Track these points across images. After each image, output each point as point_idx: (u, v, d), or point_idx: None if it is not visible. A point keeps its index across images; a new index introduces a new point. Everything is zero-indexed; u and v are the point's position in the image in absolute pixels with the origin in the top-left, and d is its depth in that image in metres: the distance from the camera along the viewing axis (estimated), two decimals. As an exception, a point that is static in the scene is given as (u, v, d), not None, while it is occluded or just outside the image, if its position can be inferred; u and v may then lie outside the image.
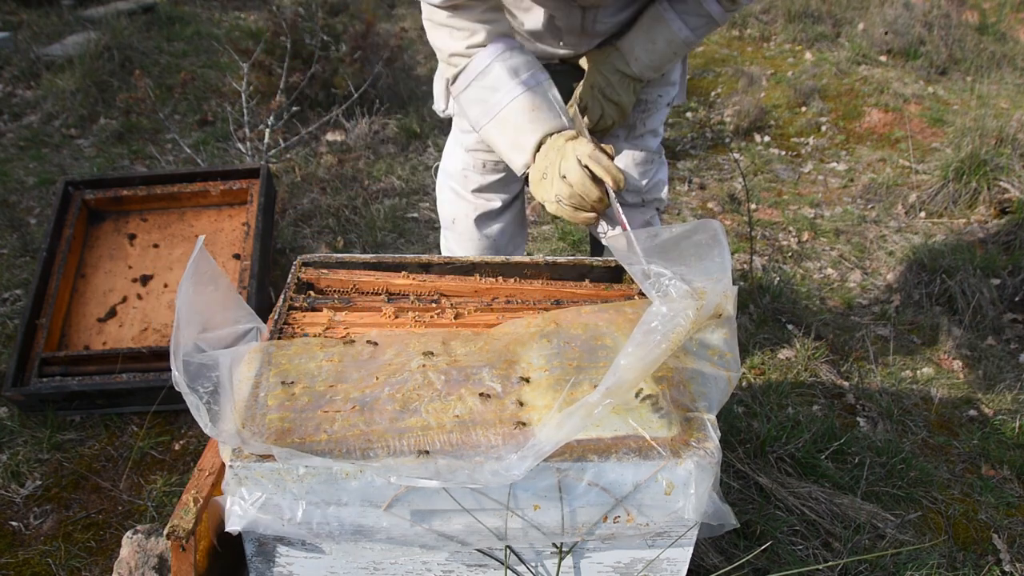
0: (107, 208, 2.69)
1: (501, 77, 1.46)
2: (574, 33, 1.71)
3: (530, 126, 1.45)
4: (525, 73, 1.48)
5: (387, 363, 1.13)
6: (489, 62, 1.47)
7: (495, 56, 1.47)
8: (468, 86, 1.50)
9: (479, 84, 1.49)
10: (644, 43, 1.68)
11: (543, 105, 1.46)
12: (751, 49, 5.58)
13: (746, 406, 2.34)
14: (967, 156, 3.56)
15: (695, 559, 1.71)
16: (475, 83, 1.49)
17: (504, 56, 1.47)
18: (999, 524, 2.01)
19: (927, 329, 2.82)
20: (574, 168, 1.37)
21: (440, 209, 2.11)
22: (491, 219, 2.04)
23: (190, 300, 1.06)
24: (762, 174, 4.04)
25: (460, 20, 1.46)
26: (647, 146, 1.95)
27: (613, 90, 1.73)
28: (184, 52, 5.17)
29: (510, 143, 1.48)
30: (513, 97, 1.45)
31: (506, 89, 1.46)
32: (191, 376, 1.00)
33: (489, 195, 2.01)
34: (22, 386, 2.23)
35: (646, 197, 2.03)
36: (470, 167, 1.98)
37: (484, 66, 1.47)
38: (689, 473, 0.99)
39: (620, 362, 0.97)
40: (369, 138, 4.11)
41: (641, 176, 1.99)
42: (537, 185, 1.46)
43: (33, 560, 1.87)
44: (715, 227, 1.16)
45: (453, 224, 2.08)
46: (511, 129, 1.47)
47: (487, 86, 1.47)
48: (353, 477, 0.95)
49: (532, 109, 1.45)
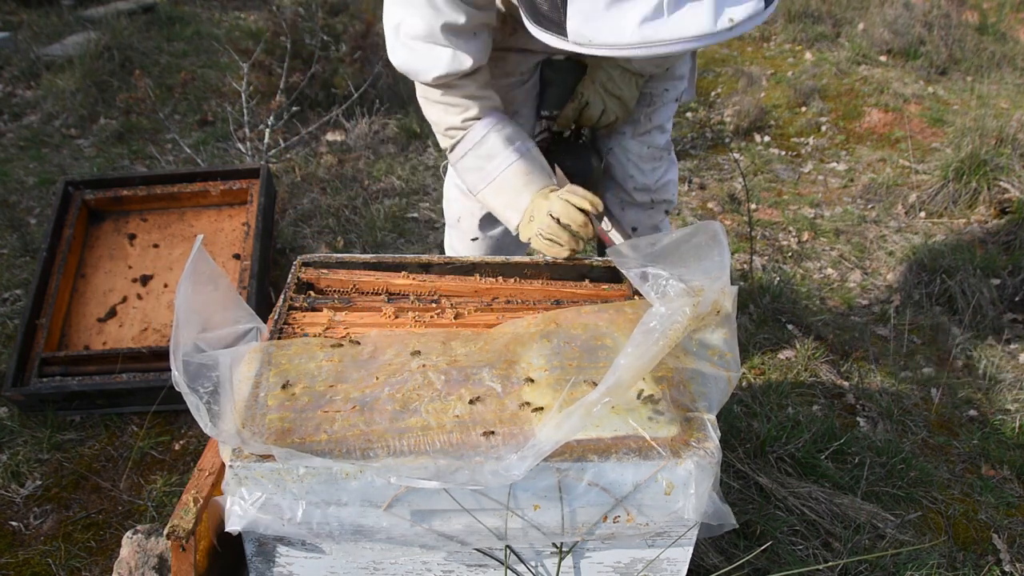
0: (107, 208, 2.69)
1: (497, 146, 1.58)
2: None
3: (525, 188, 1.59)
4: (517, 141, 1.61)
5: (387, 363, 1.13)
6: (485, 132, 1.58)
7: (491, 127, 1.59)
8: (465, 155, 1.62)
9: (476, 153, 1.60)
10: None
11: (535, 169, 1.60)
12: (751, 49, 5.58)
13: (746, 406, 2.34)
14: (967, 156, 3.56)
15: (695, 559, 1.71)
16: (472, 152, 1.61)
17: (498, 127, 1.59)
18: (999, 524, 2.01)
19: (927, 329, 2.82)
20: (558, 203, 1.51)
21: (446, 208, 2.12)
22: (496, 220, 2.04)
23: (189, 300, 1.06)
24: (762, 174, 4.04)
25: (453, 97, 1.56)
26: (654, 142, 1.94)
27: (615, 84, 1.74)
28: (184, 52, 5.17)
29: (507, 204, 1.61)
30: (509, 164, 1.59)
31: (502, 157, 1.59)
32: (191, 376, 1.00)
33: None
34: (22, 386, 2.23)
35: (655, 197, 2.02)
36: None
37: (481, 136, 1.59)
38: (689, 473, 0.99)
39: (619, 362, 0.97)
40: (369, 138, 4.11)
41: (650, 173, 1.99)
42: (525, 227, 1.59)
43: (33, 560, 1.87)
44: (715, 228, 1.16)
45: (458, 223, 2.08)
46: (508, 192, 1.60)
47: (483, 155, 1.60)
48: (353, 477, 0.95)
49: (526, 173, 1.59)
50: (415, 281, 1.40)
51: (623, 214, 2.08)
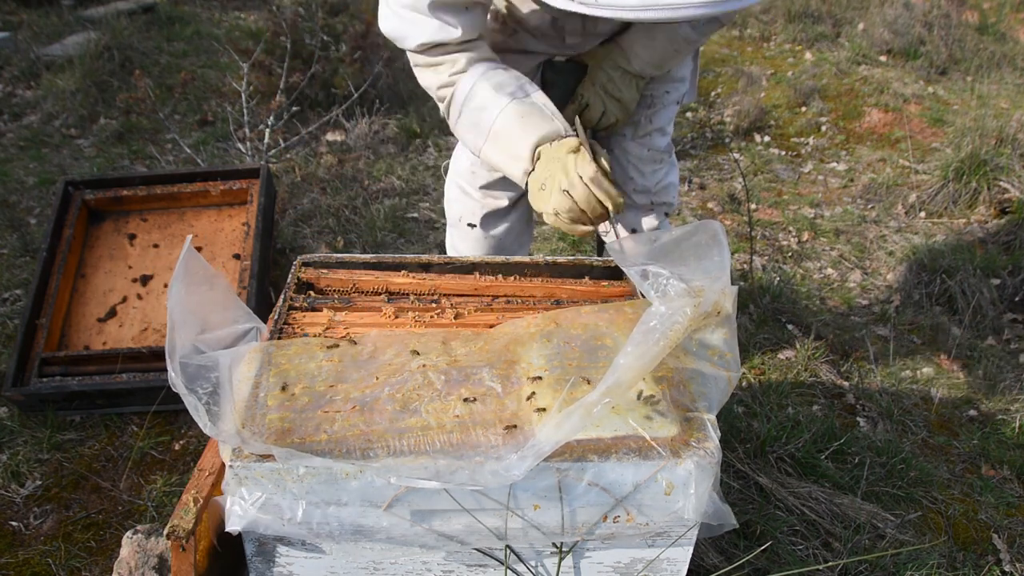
0: (107, 208, 2.69)
1: (487, 95, 1.47)
2: (576, 33, 1.72)
3: (522, 132, 1.44)
4: (511, 86, 1.47)
5: (387, 363, 1.13)
6: (473, 83, 1.48)
7: (478, 77, 1.47)
8: (460, 113, 1.51)
9: (468, 107, 1.49)
10: (644, 40, 1.68)
11: (533, 111, 1.45)
12: (751, 49, 5.58)
13: (746, 406, 2.34)
14: (967, 156, 3.56)
15: (695, 559, 1.71)
16: (465, 108, 1.50)
17: (487, 75, 1.47)
18: (999, 524, 2.01)
19: (927, 329, 2.82)
20: (579, 185, 1.36)
21: (447, 207, 2.11)
22: (498, 218, 2.03)
23: (182, 301, 1.06)
24: (762, 174, 4.04)
25: (438, 56, 1.49)
26: (655, 145, 1.94)
27: (615, 86, 1.73)
28: (184, 52, 5.17)
29: (507, 155, 1.47)
30: (501, 109, 1.45)
31: (493, 104, 1.46)
32: (189, 377, 1.00)
33: (497, 192, 1.99)
34: (22, 386, 2.23)
35: (655, 199, 2.01)
36: (477, 163, 1.97)
37: (469, 88, 1.48)
38: (689, 473, 0.99)
39: (619, 362, 0.97)
40: (369, 138, 4.11)
41: (650, 176, 1.98)
42: (536, 196, 1.44)
43: (33, 560, 1.87)
44: (715, 228, 1.16)
45: (459, 222, 2.07)
46: (504, 140, 1.46)
47: (476, 107, 1.48)
48: (353, 477, 0.95)
49: (521, 116, 1.44)
50: (414, 280, 1.40)
51: (622, 216, 2.07)
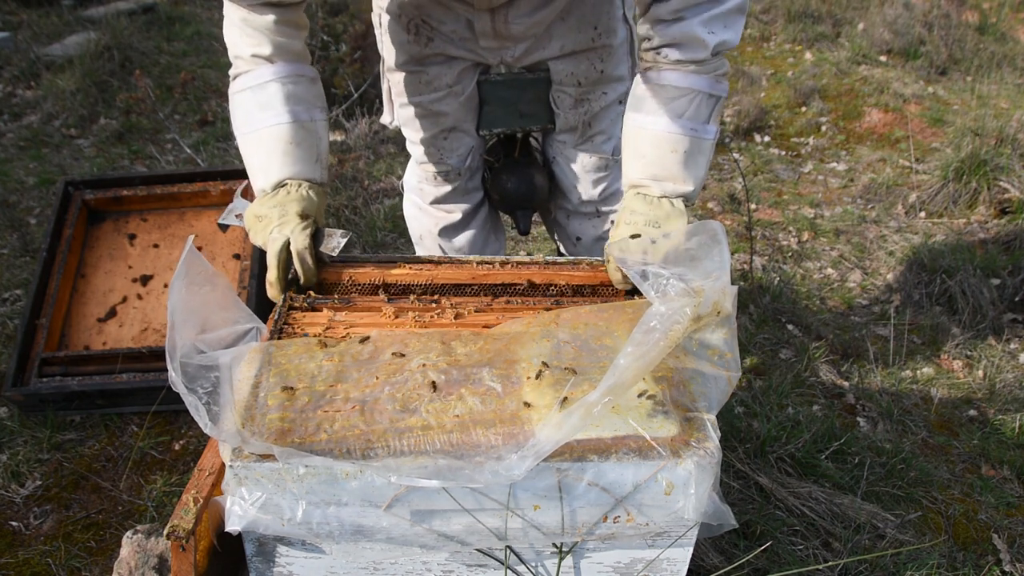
0: (107, 208, 2.69)
1: (275, 99, 1.42)
2: (488, 36, 1.66)
3: (280, 158, 1.41)
4: (301, 105, 1.43)
5: (387, 363, 1.13)
6: (270, 79, 1.42)
7: (277, 77, 1.43)
8: (242, 91, 1.46)
9: (253, 96, 1.44)
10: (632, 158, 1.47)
11: (303, 144, 1.42)
12: (751, 49, 5.58)
13: (746, 406, 2.34)
14: (967, 156, 3.56)
15: (695, 559, 1.71)
16: (250, 92, 1.44)
17: (287, 80, 1.43)
18: (999, 524, 2.01)
19: (927, 329, 2.82)
20: (275, 247, 1.34)
21: (409, 226, 2.07)
22: (456, 230, 1.98)
23: (183, 300, 1.06)
24: (762, 174, 4.04)
25: (251, 27, 1.42)
26: (599, 150, 1.86)
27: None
28: (184, 52, 5.17)
29: (258, 164, 1.44)
30: (278, 123, 1.41)
31: (275, 113, 1.41)
32: (190, 377, 1.00)
33: (448, 206, 1.95)
34: (22, 386, 2.23)
35: (600, 208, 1.94)
36: (423, 179, 1.94)
37: (264, 81, 1.43)
38: (689, 473, 0.99)
39: (619, 362, 0.97)
40: (369, 138, 4.11)
41: (594, 184, 1.90)
42: (252, 221, 1.41)
43: (33, 560, 1.87)
44: (715, 227, 1.16)
45: (421, 241, 2.04)
46: (264, 153, 1.42)
47: (259, 102, 1.43)
48: (353, 477, 0.95)
49: (290, 143, 1.41)
50: (412, 270, 1.40)
51: (568, 223, 2.01)
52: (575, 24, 1.67)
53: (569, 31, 1.68)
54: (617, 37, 1.73)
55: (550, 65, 1.74)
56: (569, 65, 1.73)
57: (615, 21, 1.71)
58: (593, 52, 1.72)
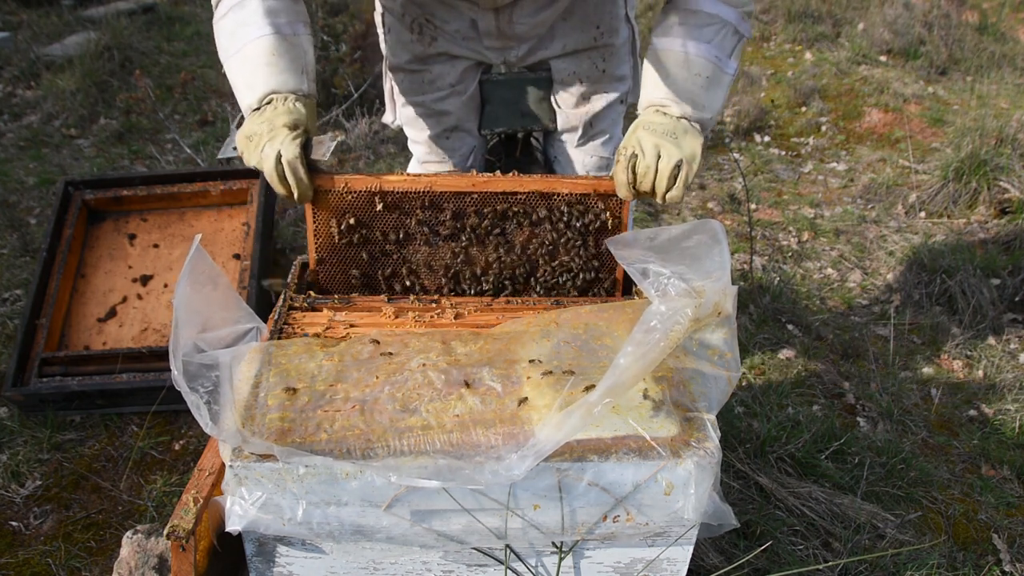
0: (107, 208, 2.69)
1: (255, 14, 1.40)
2: (492, 36, 1.67)
3: (264, 70, 1.39)
4: (282, 18, 1.41)
5: (387, 362, 1.13)
6: None
7: None
8: (225, 15, 1.44)
9: (234, 16, 1.42)
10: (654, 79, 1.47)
11: (287, 55, 1.40)
12: (751, 49, 5.58)
13: (746, 406, 2.34)
14: (967, 156, 3.56)
15: (695, 559, 1.71)
16: (231, 14, 1.42)
17: None
18: (999, 524, 2.01)
19: (927, 329, 2.82)
20: (269, 164, 1.33)
21: None
22: None
23: (188, 300, 1.06)
24: (762, 174, 4.04)
25: None
26: (600, 150, 1.87)
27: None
28: (184, 52, 5.17)
29: (244, 82, 1.41)
30: (259, 35, 1.39)
31: (256, 27, 1.40)
32: (191, 376, 1.00)
33: None
34: (22, 386, 2.23)
35: None
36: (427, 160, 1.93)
37: (243, 0, 1.41)
38: (689, 473, 0.99)
39: (620, 361, 0.97)
40: (369, 138, 4.11)
41: None
42: (243, 142, 1.39)
43: (33, 560, 1.87)
44: (715, 227, 1.16)
45: None
46: (249, 67, 1.40)
47: (240, 20, 1.41)
48: (353, 477, 0.95)
49: (272, 54, 1.39)
50: (409, 177, 1.38)
51: None
52: (578, 23, 1.68)
53: (572, 30, 1.69)
54: (619, 37, 1.73)
55: (552, 64, 1.74)
56: (571, 64, 1.74)
57: (617, 21, 1.71)
58: (595, 51, 1.73)
